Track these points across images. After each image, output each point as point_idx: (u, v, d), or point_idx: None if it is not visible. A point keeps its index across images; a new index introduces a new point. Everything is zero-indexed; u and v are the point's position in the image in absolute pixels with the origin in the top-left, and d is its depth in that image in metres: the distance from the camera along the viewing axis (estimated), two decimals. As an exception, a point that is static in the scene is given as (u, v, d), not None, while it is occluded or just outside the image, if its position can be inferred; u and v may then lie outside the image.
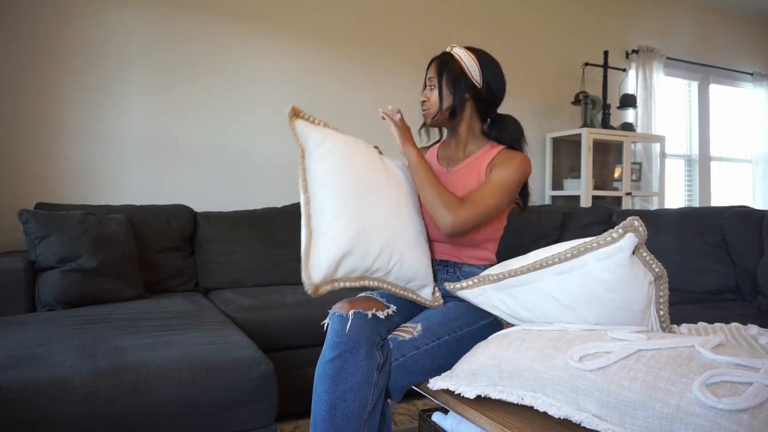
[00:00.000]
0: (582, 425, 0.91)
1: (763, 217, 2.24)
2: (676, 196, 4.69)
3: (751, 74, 4.95)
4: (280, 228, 2.75)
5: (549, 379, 0.97)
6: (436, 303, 1.43)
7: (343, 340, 1.19)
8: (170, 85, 2.84)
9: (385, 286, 1.35)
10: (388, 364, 1.22)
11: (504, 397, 1.05)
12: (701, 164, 4.75)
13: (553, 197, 4.03)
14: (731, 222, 2.33)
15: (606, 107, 3.93)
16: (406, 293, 1.39)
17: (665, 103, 4.42)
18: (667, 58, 4.44)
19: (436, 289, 1.46)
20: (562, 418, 0.94)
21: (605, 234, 1.03)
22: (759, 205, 4.93)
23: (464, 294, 1.27)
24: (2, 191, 2.52)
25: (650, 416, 0.81)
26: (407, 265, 1.35)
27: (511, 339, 1.09)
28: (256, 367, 1.46)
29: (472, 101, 1.48)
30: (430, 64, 1.52)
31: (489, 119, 1.54)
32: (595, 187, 3.95)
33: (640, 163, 4.24)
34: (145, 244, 2.45)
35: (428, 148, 1.67)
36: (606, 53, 4.00)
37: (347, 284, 1.27)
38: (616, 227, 1.02)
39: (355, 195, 1.29)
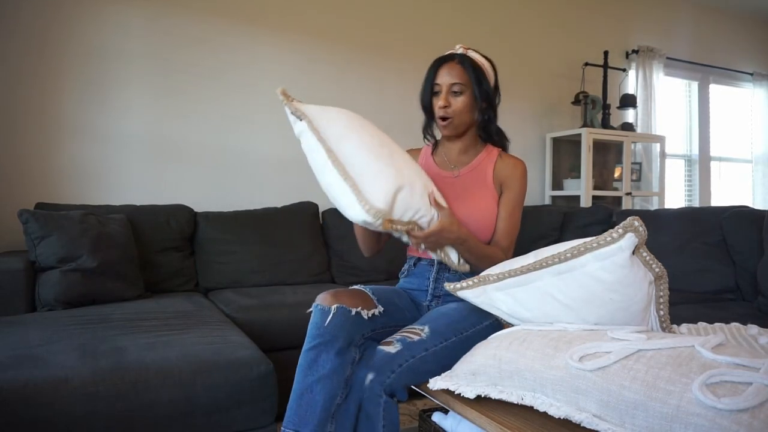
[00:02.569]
0: (582, 425, 0.91)
1: (763, 217, 2.24)
2: (676, 196, 4.69)
3: (751, 74, 4.95)
4: (280, 228, 2.75)
5: (549, 379, 0.97)
6: (463, 268, 1.39)
7: (321, 333, 1.23)
8: (170, 85, 2.84)
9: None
10: (369, 362, 1.21)
11: (504, 397, 1.05)
12: (701, 164, 4.75)
13: (553, 197, 4.03)
14: (731, 222, 2.33)
15: (606, 107, 3.93)
16: (442, 255, 1.37)
17: (665, 103, 4.42)
18: (667, 58, 4.44)
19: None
20: (562, 418, 0.94)
21: (605, 234, 1.03)
22: (759, 205, 4.93)
23: (464, 294, 1.27)
24: (2, 191, 2.52)
25: (650, 416, 0.81)
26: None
27: (511, 339, 1.09)
28: (256, 367, 1.46)
29: (486, 106, 1.49)
30: (441, 66, 1.46)
31: (483, 123, 1.52)
32: (595, 187, 3.95)
33: (640, 163, 4.24)
34: (145, 244, 2.45)
35: (417, 150, 1.64)
36: (606, 53, 4.00)
37: (401, 228, 1.24)
38: (616, 227, 1.02)
39: (379, 144, 1.29)
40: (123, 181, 2.74)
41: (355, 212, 1.20)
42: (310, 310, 1.31)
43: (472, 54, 1.48)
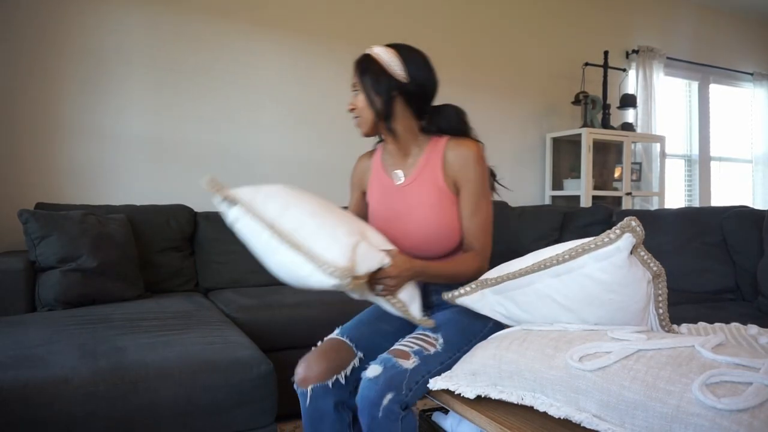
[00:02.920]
0: (582, 425, 0.91)
1: (763, 217, 2.24)
2: (676, 196, 4.69)
3: (751, 74, 4.95)
4: (280, 228, 2.75)
5: (549, 379, 0.97)
6: (428, 323, 1.30)
7: (310, 413, 1.29)
8: (170, 85, 2.84)
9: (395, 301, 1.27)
10: (385, 378, 1.17)
11: (504, 397, 1.05)
12: (701, 164, 4.75)
13: (553, 197, 4.03)
14: (731, 222, 2.33)
15: (606, 107, 3.93)
16: (401, 309, 1.28)
17: (665, 103, 4.42)
18: (667, 58, 4.44)
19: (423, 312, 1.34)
20: (562, 418, 0.94)
21: (603, 235, 1.03)
22: (759, 205, 4.93)
23: (463, 300, 1.26)
24: (2, 191, 2.52)
25: (650, 416, 0.81)
26: None
27: (511, 339, 1.09)
28: (256, 367, 1.47)
29: (402, 98, 1.37)
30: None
31: (426, 114, 1.42)
32: (595, 187, 3.95)
33: (640, 163, 4.24)
34: (145, 244, 2.45)
35: (371, 153, 1.55)
36: (606, 53, 4.00)
37: (363, 281, 1.17)
38: (613, 228, 1.02)
39: (322, 207, 1.24)
40: (123, 181, 2.74)
41: (319, 279, 1.13)
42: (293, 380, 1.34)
43: (374, 50, 1.40)
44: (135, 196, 2.74)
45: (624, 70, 4.23)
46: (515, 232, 3.00)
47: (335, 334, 1.39)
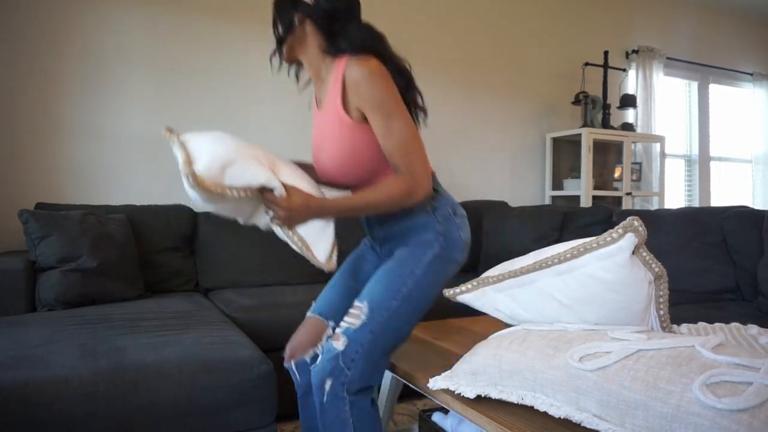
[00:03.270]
0: (582, 425, 0.91)
1: (763, 217, 2.24)
2: (676, 196, 4.69)
3: (751, 74, 4.95)
4: (280, 228, 2.75)
5: (549, 379, 0.97)
6: (330, 267, 1.28)
7: (299, 386, 1.36)
8: (170, 85, 2.84)
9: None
10: (321, 364, 1.22)
11: (504, 396, 1.05)
12: (701, 164, 4.76)
13: (553, 197, 4.03)
14: (731, 222, 2.33)
15: (606, 107, 3.93)
16: (300, 245, 1.26)
17: (665, 103, 4.42)
18: (667, 58, 4.44)
19: (335, 252, 1.30)
20: (562, 417, 0.94)
21: (605, 234, 1.03)
22: (759, 205, 4.93)
23: (464, 298, 1.26)
24: (2, 191, 2.52)
25: (650, 416, 0.81)
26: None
27: (511, 339, 1.10)
28: (256, 367, 1.47)
29: (311, 22, 1.31)
30: None
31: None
32: (595, 187, 3.95)
33: (640, 163, 4.24)
34: (145, 244, 2.45)
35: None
36: (606, 53, 4.00)
37: (236, 194, 1.20)
38: (615, 227, 1.02)
39: (231, 138, 1.28)
40: (123, 181, 2.74)
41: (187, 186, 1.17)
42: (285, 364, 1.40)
43: None
44: (135, 196, 2.74)
45: (624, 70, 4.23)
46: (515, 232, 3.00)
47: (309, 312, 1.43)
